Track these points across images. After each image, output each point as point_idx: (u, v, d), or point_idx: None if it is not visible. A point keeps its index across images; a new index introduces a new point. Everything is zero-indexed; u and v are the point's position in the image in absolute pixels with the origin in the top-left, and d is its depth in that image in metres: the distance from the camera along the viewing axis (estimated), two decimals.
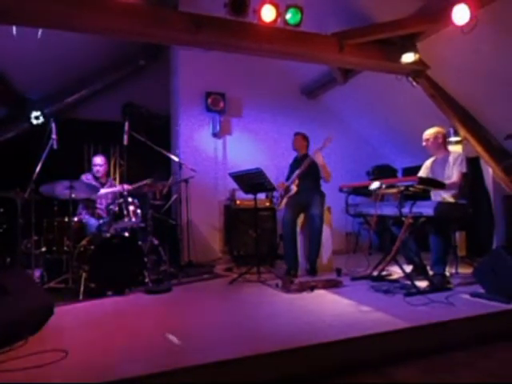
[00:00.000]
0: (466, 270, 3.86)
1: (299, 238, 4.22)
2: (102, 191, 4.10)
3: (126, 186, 4.21)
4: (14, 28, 3.06)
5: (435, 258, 3.39)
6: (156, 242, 4.24)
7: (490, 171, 4.57)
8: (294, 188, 4.20)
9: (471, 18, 3.29)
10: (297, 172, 4.21)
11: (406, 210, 3.17)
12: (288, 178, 4.41)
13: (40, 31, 3.19)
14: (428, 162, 3.85)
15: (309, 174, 4.17)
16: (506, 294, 2.74)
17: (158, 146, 4.38)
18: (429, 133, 3.73)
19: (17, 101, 5.45)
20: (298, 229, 4.25)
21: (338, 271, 4.03)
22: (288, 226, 4.14)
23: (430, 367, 2.08)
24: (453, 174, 3.49)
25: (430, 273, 3.45)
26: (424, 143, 3.75)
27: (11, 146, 5.30)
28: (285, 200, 4.29)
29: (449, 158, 3.60)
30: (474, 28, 3.29)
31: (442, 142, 3.71)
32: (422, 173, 3.81)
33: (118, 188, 4.29)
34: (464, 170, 3.47)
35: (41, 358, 1.96)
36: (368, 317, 2.60)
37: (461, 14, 3.32)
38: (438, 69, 4.28)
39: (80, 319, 2.72)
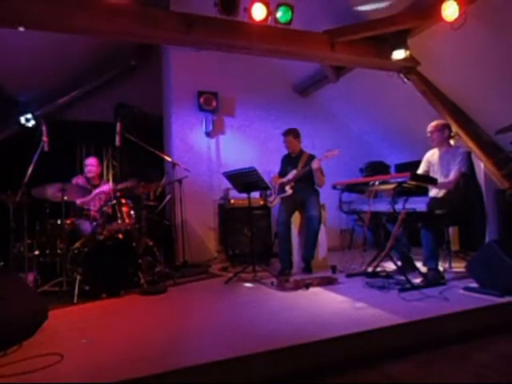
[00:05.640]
0: (459, 265, 3.90)
1: (296, 238, 4.22)
2: (92, 193, 4.08)
3: (111, 185, 4.17)
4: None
5: (428, 253, 3.41)
6: (150, 242, 4.21)
7: (481, 166, 4.60)
8: (288, 190, 4.20)
9: (460, 14, 3.32)
10: (292, 174, 4.19)
11: (399, 207, 3.18)
12: (281, 173, 4.40)
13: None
14: (429, 156, 3.80)
15: (304, 175, 4.15)
16: (499, 288, 2.77)
17: (150, 146, 4.36)
18: (435, 124, 3.68)
19: (7, 103, 5.39)
20: (296, 229, 4.24)
21: (333, 268, 4.05)
22: (283, 226, 4.13)
23: (425, 361, 2.10)
24: (451, 171, 3.47)
25: (424, 269, 3.47)
26: (428, 134, 3.69)
27: (1, 149, 5.23)
28: (277, 199, 4.28)
29: (458, 152, 3.54)
30: (463, 24, 3.31)
31: (448, 136, 3.67)
32: (425, 166, 3.80)
33: (104, 187, 4.25)
34: (463, 168, 3.47)
35: (36, 362, 1.94)
36: (363, 313, 2.61)
37: (450, 10, 3.35)
38: (428, 65, 4.31)
39: (75, 322, 2.70)
